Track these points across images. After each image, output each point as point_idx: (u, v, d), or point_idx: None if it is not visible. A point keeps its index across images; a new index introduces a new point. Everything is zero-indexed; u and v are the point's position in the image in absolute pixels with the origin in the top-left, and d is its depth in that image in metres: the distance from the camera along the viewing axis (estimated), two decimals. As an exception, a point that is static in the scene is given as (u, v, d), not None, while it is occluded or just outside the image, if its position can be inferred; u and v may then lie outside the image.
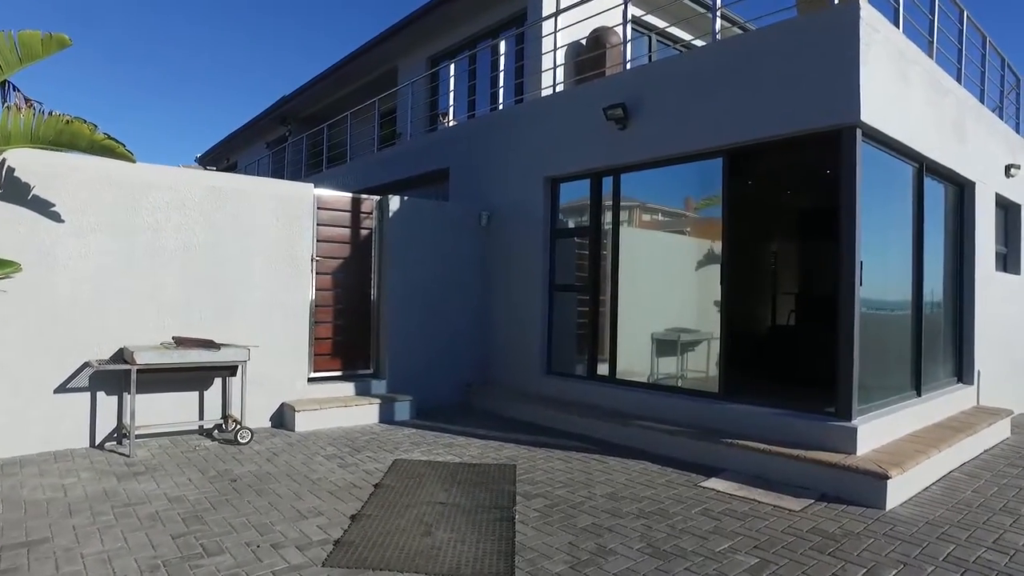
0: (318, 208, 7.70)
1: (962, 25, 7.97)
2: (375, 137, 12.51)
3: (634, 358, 7.42)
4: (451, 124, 11.53)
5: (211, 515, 4.36)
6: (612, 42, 9.13)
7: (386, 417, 7.50)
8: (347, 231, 8.01)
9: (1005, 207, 9.21)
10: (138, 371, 5.69)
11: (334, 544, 3.93)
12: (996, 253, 8.70)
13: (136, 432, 5.83)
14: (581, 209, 7.92)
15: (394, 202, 8.09)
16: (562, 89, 9.03)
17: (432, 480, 5.25)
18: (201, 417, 6.67)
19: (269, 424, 7.06)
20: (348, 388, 7.72)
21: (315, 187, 7.65)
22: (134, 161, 5.71)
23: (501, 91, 10.79)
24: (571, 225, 8.27)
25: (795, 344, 8.34)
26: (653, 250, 7.63)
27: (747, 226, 7.02)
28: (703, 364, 7.00)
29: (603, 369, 7.45)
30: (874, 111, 5.36)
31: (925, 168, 6.67)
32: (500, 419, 7.72)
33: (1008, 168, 8.97)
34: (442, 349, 8.49)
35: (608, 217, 7.51)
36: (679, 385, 6.97)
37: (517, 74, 10.42)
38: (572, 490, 5.08)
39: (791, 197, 9.81)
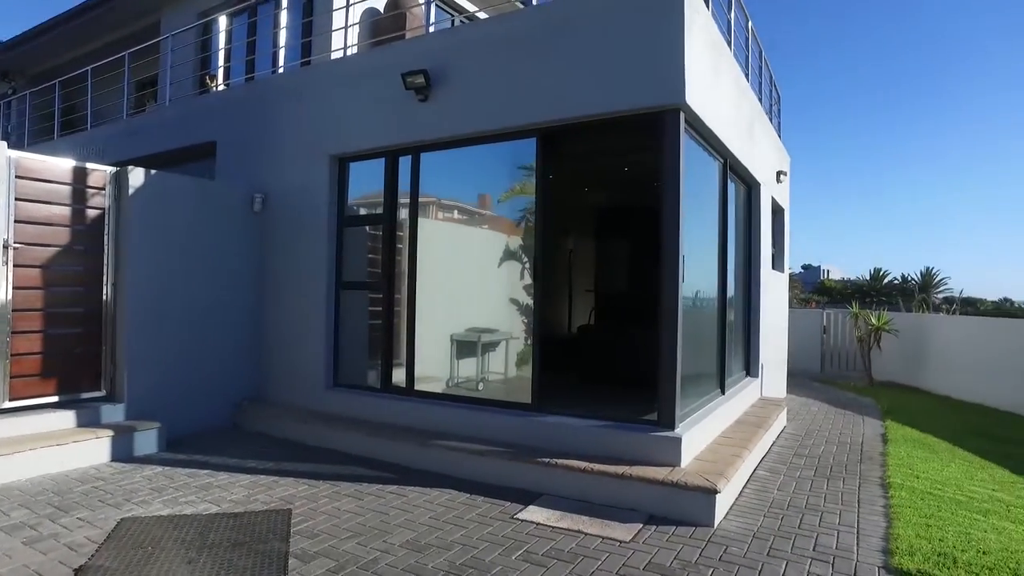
0: (17, 177, 5.66)
1: (747, 33, 8.26)
2: (124, 101, 10.06)
3: (433, 364, 6.49)
4: (220, 88, 9.62)
5: None
6: (414, 1, 8.11)
7: (122, 453, 5.71)
8: (66, 211, 6.01)
9: (775, 210, 9.90)
10: None
11: None
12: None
13: None
14: (374, 194, 6.77)
15: (136, 176, 6.26)
16: (355, 52, 7.81)
17: (172, 547, 3.81)
18: None
19: (-80, 481, 4.93)
20: (66, 418, 5.77)
21: (10, 148, 5.59)
22: None
23: (282, 52, 9.18)
24: (363, 213, 7.09)
25: (607, 346, 8.03)
26: (454, 242, 6.74)
27: (561, 215, 6.47)
28: (503, 367, 6.28)
29: (399, 378, 6.40)
30: (696, 95, 5.01)
31: (728, 165, 6.64)
32: (277, 444, 6.32)
33: (779, 174, 9.65)
34: (203, 361, 6.81)
35: (406, 203, 6.46)
36: (482, 394, 6.13)
37: (305, 31, 8.92)
38: (364, 541, 3.98)
39: (604, 187, 9.61)
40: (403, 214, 6.49)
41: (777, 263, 10.04)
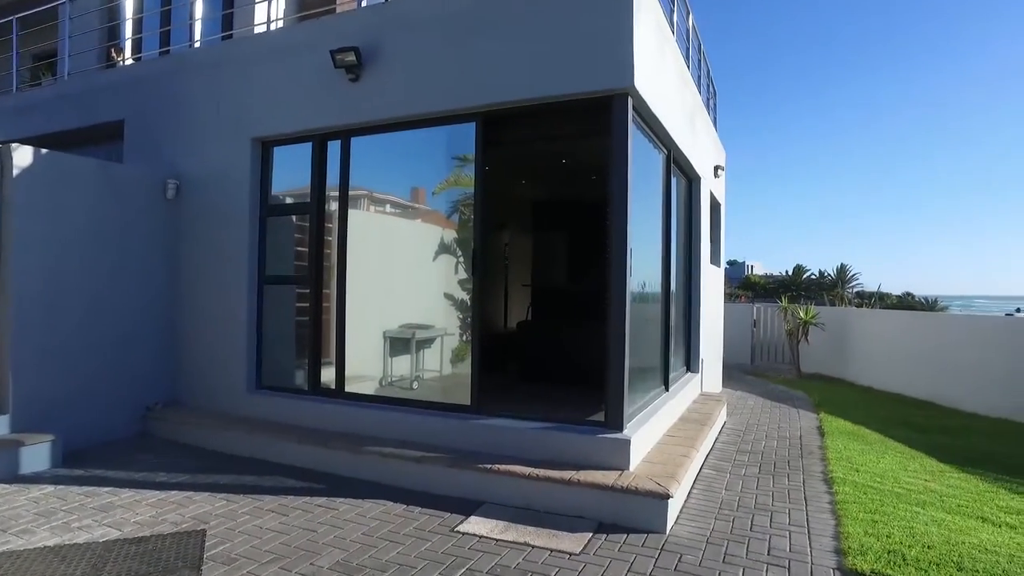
0: None
1: (688, 24, 8.18)
2: (15, 72, 9.04)
3: (365, 362, 6.07)
4: (128, 63, 8.79)
5: None
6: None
7: (4, 472, 5.04)
8: (-68, 194, 5.26)
9: (713, 205, 9.93)
10: None
11: None
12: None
13: None
14: (301, 182, 6.25)
15: (22, 155, 5.54)
16: (281, 27, 7.23)
17: (52, 585, 3.29)
18: None
19: None
20: (-67, 433, 5.05)
21: None
22: None
23: (199, 24, 8.46)
24: (289, 202, 6.57)
25: (548, 342, 7.77)
26: (387, 235, 6.32)
27: (498, 207, 6.16)
28: (438, 364, 5.93)
29: (329, 378, 5.95)
30: (644, 79, 4.80)
31: (672, 157, 6.50)
32: (194, 454, 5.76)
33: (716, 169, 9.67)
34: (109, 363, 6.15)
35: (335, 192, 6.00)
36: (418, 395, 5.74)
37: (226, 3, 8.24)
38: (289, 564, 3.57)
39: (544, 178, 9.35)
40: (332, 204, 6.02)
41: (714, 258, 10.09)
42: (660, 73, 5.44)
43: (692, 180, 7.93)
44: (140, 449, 5.90)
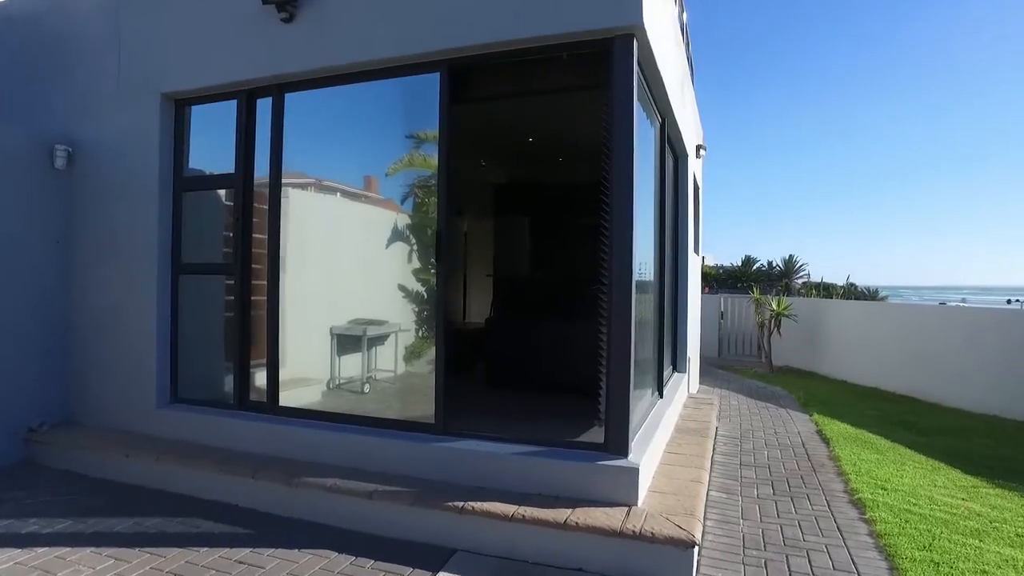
0: None
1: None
2: None
3: (309, 364, 5.02)
4: None
5: None
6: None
7: None
8: None
9: (694, 188, 9.15)
10: None
11: None
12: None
13: None
14: (224, 149, 5.11)
15: None
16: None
17: None
18: None
19: None
20: None
21: None
22: None
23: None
24: (209, 173, 5.40)
25: (523, 342, 6.75)
26: (329, 213, 5.24)
27: (460, 188, 5.17)
28: (393, 364, 4.92)
29: (261, 386, 4.86)
30: (651, 19, 3.87)
31: (665, 129, 5.63)
32: (85, 487, 4.60)
33: (698, 148, 8.89)
34: (-24, 373, 4.92)
35: (266, 160, 4.89)
36: (370, 408, 4.72)
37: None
38: (184, 666, 2.53)
39: (519, 150, 8.35)
40: (262, 172, 4.90)
41: (696, 245, 9.33)
42: (664, 16, 4.54)
43: (679, 157, 7.10)
44: (15, 483, 4.69)
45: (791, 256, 51.39)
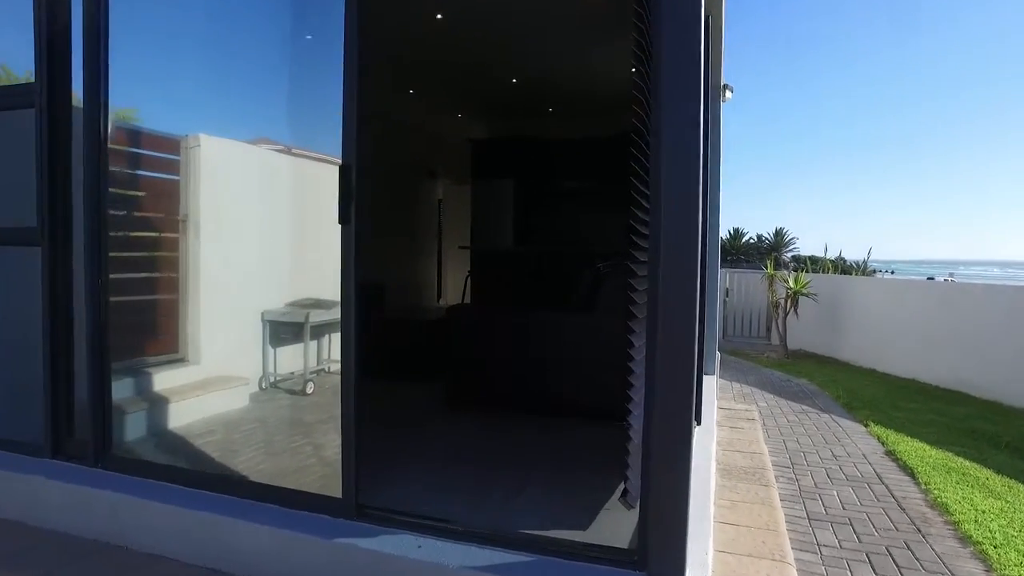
0: None
1: None
2: None
3: (228, 360, 3.25)
4: None
5: None
6: None
7: None
8: None
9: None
10: None
11: None
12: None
13: None
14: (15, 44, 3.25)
15: None
16: None
17: None
18: None
19: None
20: None
21: None
22: None
23: None
24: None
25: (509, 344, 4.80)
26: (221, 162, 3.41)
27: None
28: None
29: (95, 427, 3.10)
30: None
31: (710, 28, 3.86)
32: None
33: (724, 88, 7.12)
34: None
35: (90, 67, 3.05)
36: (236, 467, 2.98)
37: None
38: None
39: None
40: (79, 86, 3.06)
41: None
42: None
43: (711, 89, 5.35)
44: None
45: (780, 229, 49.99)
